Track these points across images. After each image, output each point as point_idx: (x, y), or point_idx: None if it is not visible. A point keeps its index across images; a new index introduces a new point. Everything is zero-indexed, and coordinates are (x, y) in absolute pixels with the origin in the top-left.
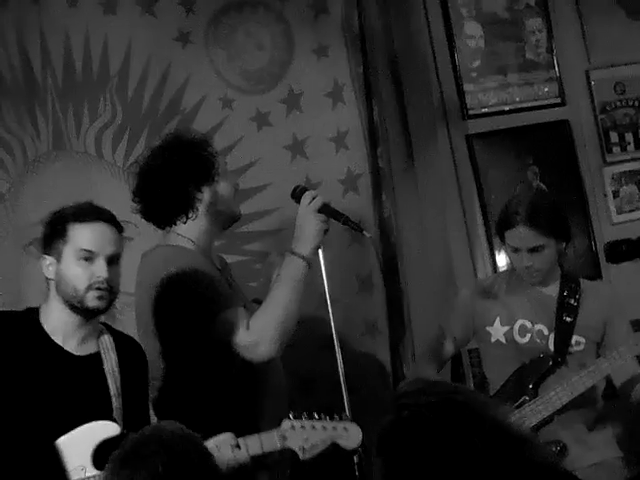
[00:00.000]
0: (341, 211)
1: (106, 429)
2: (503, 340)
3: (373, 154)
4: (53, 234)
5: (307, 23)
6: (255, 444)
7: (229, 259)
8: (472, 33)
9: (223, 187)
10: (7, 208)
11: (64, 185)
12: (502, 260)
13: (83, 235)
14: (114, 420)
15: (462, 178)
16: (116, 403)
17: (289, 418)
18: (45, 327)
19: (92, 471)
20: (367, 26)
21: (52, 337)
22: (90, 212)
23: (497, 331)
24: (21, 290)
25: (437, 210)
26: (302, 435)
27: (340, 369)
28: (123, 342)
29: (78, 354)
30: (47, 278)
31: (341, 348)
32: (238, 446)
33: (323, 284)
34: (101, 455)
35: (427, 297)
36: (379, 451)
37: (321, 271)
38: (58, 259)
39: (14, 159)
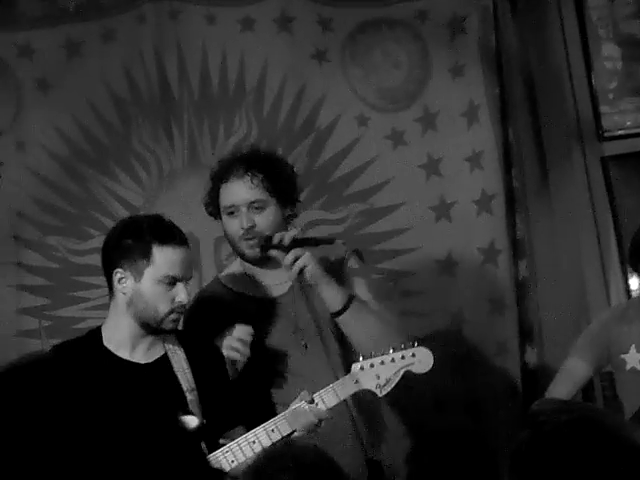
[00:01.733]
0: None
1: (187, 425)
2: (639, 367)
3: (507, 175)
4: (135, 253)
5: (444, 42)
6: (330, 396)
7: None
8: (609, 54)
9: None
10: None
11: (199, 201)
12: (636, 285)
13: (170, 260)
14: (190, 413)
15: (596, 200)
16: (190, 397)
17: (357, 361)
18: (109, 346)
19: None
20: (503, 46)
21: (118, 354)
22: (172, 234)
23: (632, 358)
24: None
25: (571, 232)
26: (374, 373)
27: None
28: (189, 339)
29: (145, 362)
30: (117, 289)
31: (473, 369)
32: (312, 402)
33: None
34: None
35: (560, 320)
36: (514, 469)
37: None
38: (137, 278)
39: (149, 174)
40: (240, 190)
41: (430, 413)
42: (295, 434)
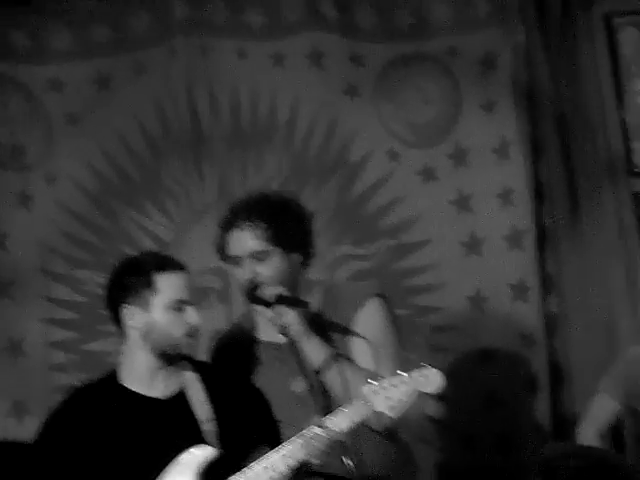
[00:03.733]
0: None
1: (200, 454)
2: None
3: (538, 211)
4: (137, 284)
5: (475, 78)
6: (343, 418)
7: None
8: None
9: None
10: None
11: None
12: None
13: (174, 285)
14: (205, 443)
15: (627, 236)
16: (208, 427)
17: (368, 383)
18: (126, 384)
19: None
20: (535, 82)
21: (136, 390)
22: (170, 261)
23: None
24: None
25: (601, 268)
26: (384, 395)
27: None
28: (207, 371)
29: (164, 397)
30: (128, 326)
31: (502, 405)
32: (324, 426)
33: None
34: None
35: (590, 357)
36: None
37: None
38: (145, 308)
39: (179, 208)
40: (242, 241)
41: (459, 449)
42: (309, 459)
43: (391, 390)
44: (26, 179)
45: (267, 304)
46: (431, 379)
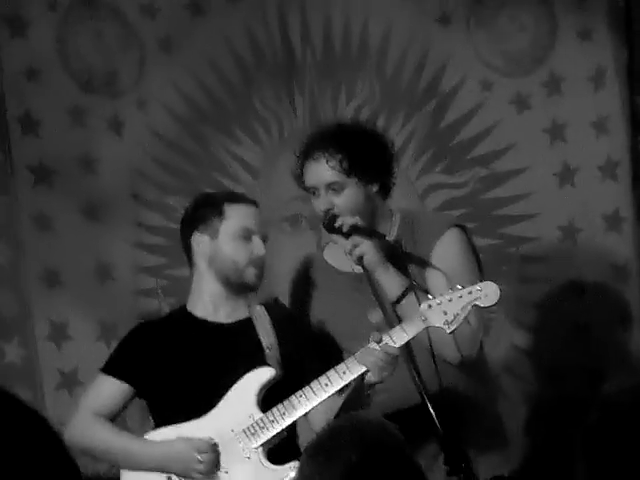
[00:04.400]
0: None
1: (261, 375)
2: None
3: (634, 140)
4: (208, 212)
5: (571, 5)
6: (399, 334)
7: (482, 242)
8: None
9: None
10: (261, 184)
11: None
12: None
13: (242, 214)
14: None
15: None
16: (270, 353)
17: (426, 299)
18: (194, 311)
19: (259, 415)
20: (632, 8)
21: (201, 316)
22: (242, 195)
23: None
24: (275, 264)
25: None
26: (441, 310)
27: None
28: (276, 309)
29: (228, 322)
30: (196, 254)
31: (592, 338)
32: (381, 341)
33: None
34: (263, 399)
35: None
36: (583, 453)
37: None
38: (213, 236)
39: (270, 135)
40: (318, 172)
41: (548, 381)
42: (368, 375)
43: (447, 305)
44: (118, 105)
45: (344, 234)
46: (488, 293)
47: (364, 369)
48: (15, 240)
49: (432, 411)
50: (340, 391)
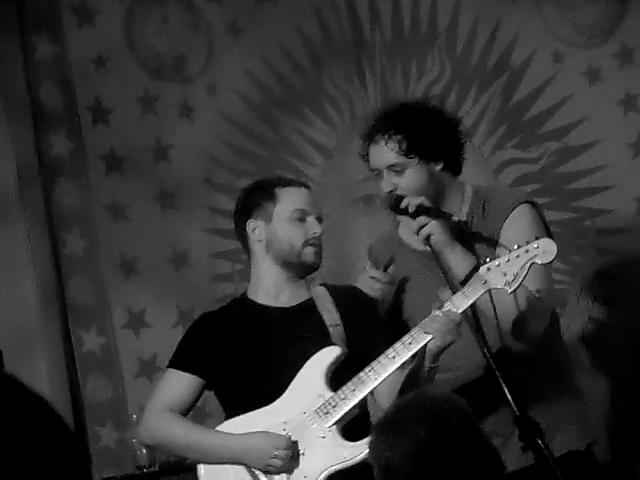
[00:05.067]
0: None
1: (328, 354)
2: None
3: None
4: (260, 198)
5: None
6: (460, 298)
7: (557, 216)
8: None
9: None
10: (335, 165)
11: None
12: None
13: (295, 197)
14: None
15: None
16: (334, 331)
17: (483, 262)
18: (255, 298)
19: (330, 394)
20: None
21: (263, 302)
22: (291, 179)
23: None
24: (350, 245)
25: None
26: (501, 271)
27: None
28: (338, 289)
29: (290, 305)
30: (252, 241)
31: None
32: (442, 307)
33: None
34: (332, 378)
35: None
36: None
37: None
38: (268, 220)
39: (342, 116)
40: (379, 154)
41: (627, 352)
42: (433, 342)
43: (506, 266)
44: (188, 90)
45: (411, 215)
46: (545, 249)
47: (429, 337)
48: (90, 229)
49: (504, 386)
50: (402, 365)
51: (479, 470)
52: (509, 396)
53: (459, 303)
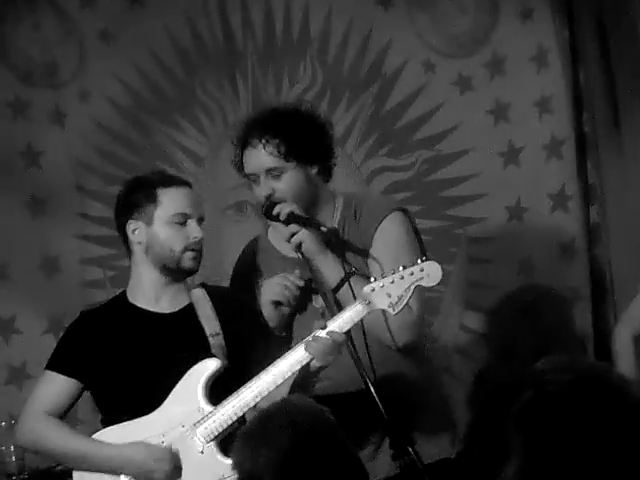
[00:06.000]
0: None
1: (207, 366)
2: None
3: (578, 119)
4: (141, 198)
5: None
6: (344, 319)
7: (429, 224)
8: None
9: None
10: (207, 172)
11: None
12: None
13: (176, 199)
14: (212, 356)
15: None
16: (214, 341)
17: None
18: (134, 302)
19: (208, 408)
20: None
21: (142, 306)
22: (173, 177)
23: None
24: (222, 252)
25: None
26: (385, 292)
27: None
28: (217, 291)
29: (170, 311)
30: (133, 242)
31: (541, 317)
32: (326, 327)
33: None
34: (211, 391)
35: (632, 266)
36: (519, 429)
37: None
38: (148, 223)
39: (214, 123)
40: (257, 158)
41: (497, 361)
42: (314, 362)
43: (390, 287)
44: (59, 96)
45: (283, 222)
46: (430, 273)
47: (311, 358)
48: None
49: (375, 395)
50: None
51: (342, 479)
52: (380, 404)
53: (343, 324)
